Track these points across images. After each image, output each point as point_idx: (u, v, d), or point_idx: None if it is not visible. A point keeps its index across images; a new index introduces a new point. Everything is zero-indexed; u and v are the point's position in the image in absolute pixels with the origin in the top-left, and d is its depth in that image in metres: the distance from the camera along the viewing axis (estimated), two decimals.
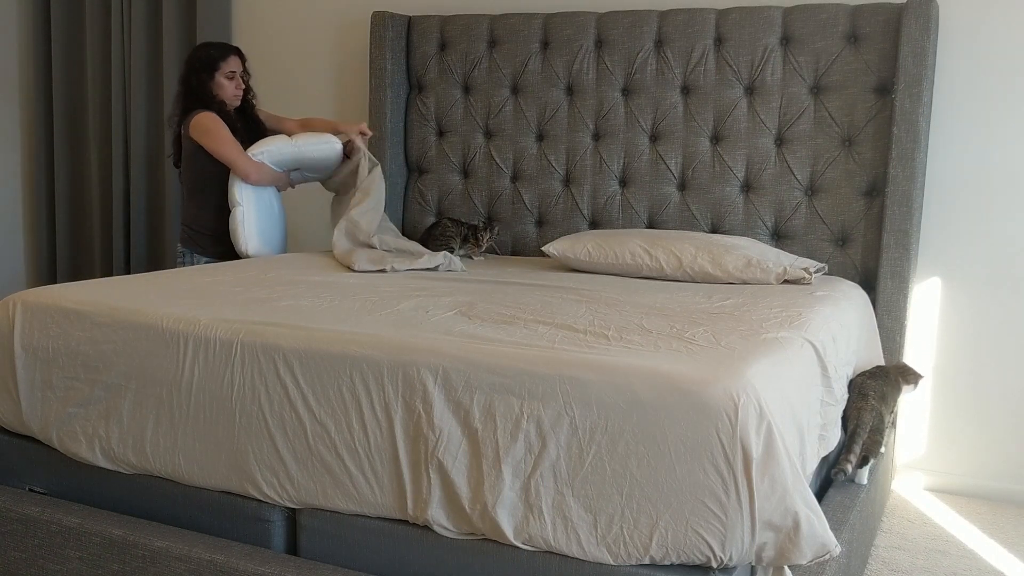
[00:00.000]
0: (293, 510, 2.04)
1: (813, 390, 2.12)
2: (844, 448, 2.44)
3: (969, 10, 3.06)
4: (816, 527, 1.70)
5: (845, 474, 2.38)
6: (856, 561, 2.35)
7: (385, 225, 3.34)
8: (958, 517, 3.00)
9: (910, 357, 3.20)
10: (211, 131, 3.23)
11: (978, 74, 3.07)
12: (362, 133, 3.34)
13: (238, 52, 3.39)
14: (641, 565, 1.73)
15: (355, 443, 1.92)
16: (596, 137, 3.46)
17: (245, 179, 3.23)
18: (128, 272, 4.36)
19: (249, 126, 3.46)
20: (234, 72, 3.34)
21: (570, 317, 2.22)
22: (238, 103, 3.40)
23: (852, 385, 2.52)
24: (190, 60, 3.36)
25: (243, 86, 3.38)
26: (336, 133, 3.36)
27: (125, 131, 4.33)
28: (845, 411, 2.47)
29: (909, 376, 2.66)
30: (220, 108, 3.32)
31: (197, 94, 3.30)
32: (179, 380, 2.10)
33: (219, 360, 2.06)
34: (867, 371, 2.60)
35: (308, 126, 3.51)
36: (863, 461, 2.43)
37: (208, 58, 3.32)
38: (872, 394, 2.48)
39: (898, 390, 2.62)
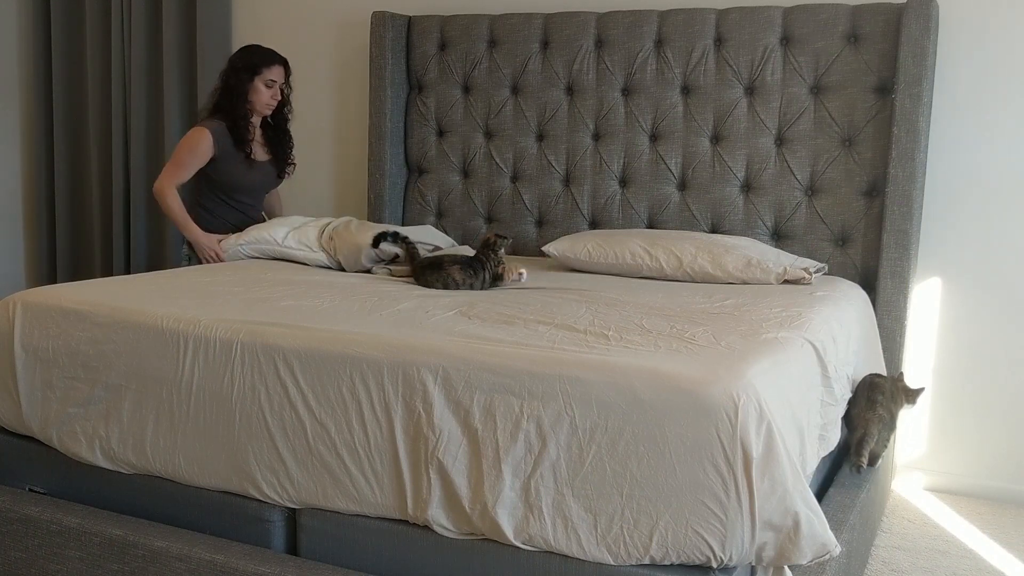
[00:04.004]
0: (293, 510, 2.04)
1: (813, 390, 2.12)
2: (853, 451, 2.46)
3: (969, 10, 3.06)
4: (816, 527, 1.70)
5: (862, 468, 2.41)
6: (856, 561, 2.35)
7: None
8: (958, 517, 3.00)
9: (910, 357, 3.20)
10: (183, 143, 3.28)
11: (978, 74, 3.07)
12: None
13: (284, 63, 3.37)
14: (641, 565, 1.73)
15: (355, 443, 1.92)
16: (596, 137, 3.46)
17: (155, 189, 3.30)
18: (128, 272, 4.36)
19: (278, 139, 3.46)
20: (274, 81, 3.32)
21: (570, 317, 2.22)
22: (269, 112, 3.39)
23: (859, 390, 2.52)
24: (234, 58, 3.36)
25: (279, 97, 3.37)
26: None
27: (125, 131, 4.32)
28: (852, 416, 2.48)
29: (911, 394, 2.65)
30: (244, 115, 3.31)
31: (232, 93, 3.30)
32: (179, 380, 2.10)
33: (219, 360, 2.06)
34: (873, 375, 2.59)
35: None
36: (872, 460, 2.49)
37: (252, 61, 3.31)
38: (880, 399, 2.49)
39: (901, 396, 2.62)
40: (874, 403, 2.47)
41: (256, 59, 3.32)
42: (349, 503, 1.95)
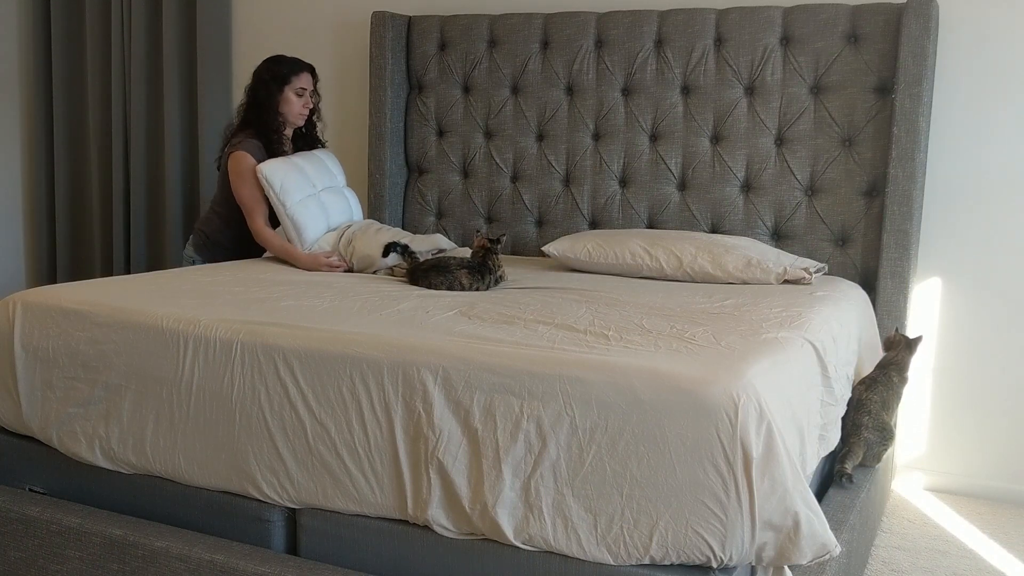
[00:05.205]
0: (293, 510, 2.04)
1: (813, 390, 2.12)
2: (838, 459, 2.47)
3: (969, 10, 3.06)
4: (816, 527, 1.70)
5: (843, 476, 2.42)
6: (856, 561, 2.35)
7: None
8: (958, 517, 3.00)
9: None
10: (238, 182, 3.14)
11: (978, 74, 3.07)
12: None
13: (311, 69, 3.29)
14: (641, 565, 1.73)
15: (355, 443, 1.92)
16: (596, 137, 3.46)
17: (257, 239, 3.17)
18: (128, 272, 4.36)
19: (310, 149, 3.36)
20: (304, 89, 3.24)
21: (570, 317, 2.22)
22: (302, 122, 3.31)
23: (850, 402, 2.52)
24: (260, 72, 3.25)
25: (310, 105, 3.29)
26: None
27: (125, 131, 4.33)
28: (847, 425, 2.49)
29: (905, 366, 2.66)
30: (279, 128, 3.23)
31: (262, 107, 3.20)
32: (179, 380, 2.10)
33: (219, 360, 2.06)
34: (865, 380, 2.60)
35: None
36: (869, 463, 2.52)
37: (280, 71, 3.22)
38: (867, 420, 2.52)
39: (900, 390, 2.63)
40: (859, 426, 2.51)
41: (284, 68, 3.22)
42: (349, 503, 1.95)
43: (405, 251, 2.88)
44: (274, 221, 3.17)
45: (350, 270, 3.05)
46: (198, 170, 4.19)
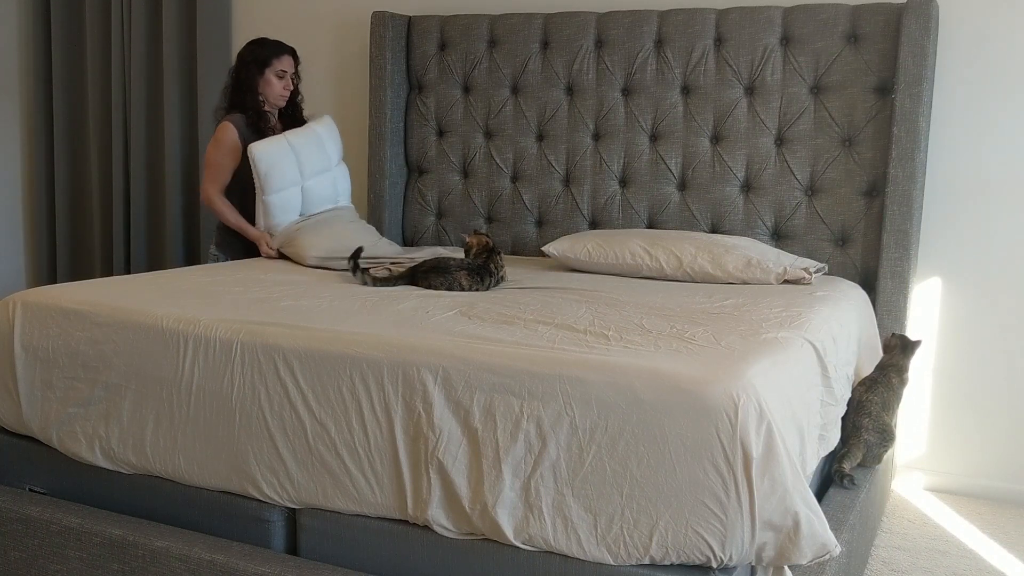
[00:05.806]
0: (293, 510, 2.04)
1: (813, 390, 2.12)
2: (836, 459, 2.47)
3: (969, 10, 3.06)
4: (816, 527, 1.70)
5: (841, 474, 2.42)
6: (856, 561, 2.35)
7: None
8: (958, 517, 3.00)
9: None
10: (216, 140, 3.27)
11: (978, 74, 3.07)
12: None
13: (292, 53, 3.37)
14: (641, 565, 1.73)
15: (355, 443, 1.92)
16: (596, 137, 3.46)
17: (202, 199, 3.33)
18: (128, 272, 4.36)
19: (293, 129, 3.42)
20: (285, 71, 3.32)
21: (570, 317, 2.22)
22: (283, 104, 3.38)
23: (850, 403, 2.53)
24: (243, 52, 3.34)
25: (291, 87, 3.37)
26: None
27: (125, 131, 4.33)
28: (847, 426, 2.49)
29: (905, 368, 2.66)
30: (260, 108, 3.31)
31: (244, 88, 3.30)
32: (179, 380, 2.10)
33: (219, 360, 2.06)
34: (865, 381, 2.59)
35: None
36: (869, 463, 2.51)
37: (261, 53, 3.30)
38: (867, 422, 2.53)
39: (900, 391, 2.63)
40: (859, 428, 2.53)
41: (265, 51, 3.31)
42: (349, 503, 1.95)
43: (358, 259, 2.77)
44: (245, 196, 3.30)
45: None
46: (198, 170, 4.19)
